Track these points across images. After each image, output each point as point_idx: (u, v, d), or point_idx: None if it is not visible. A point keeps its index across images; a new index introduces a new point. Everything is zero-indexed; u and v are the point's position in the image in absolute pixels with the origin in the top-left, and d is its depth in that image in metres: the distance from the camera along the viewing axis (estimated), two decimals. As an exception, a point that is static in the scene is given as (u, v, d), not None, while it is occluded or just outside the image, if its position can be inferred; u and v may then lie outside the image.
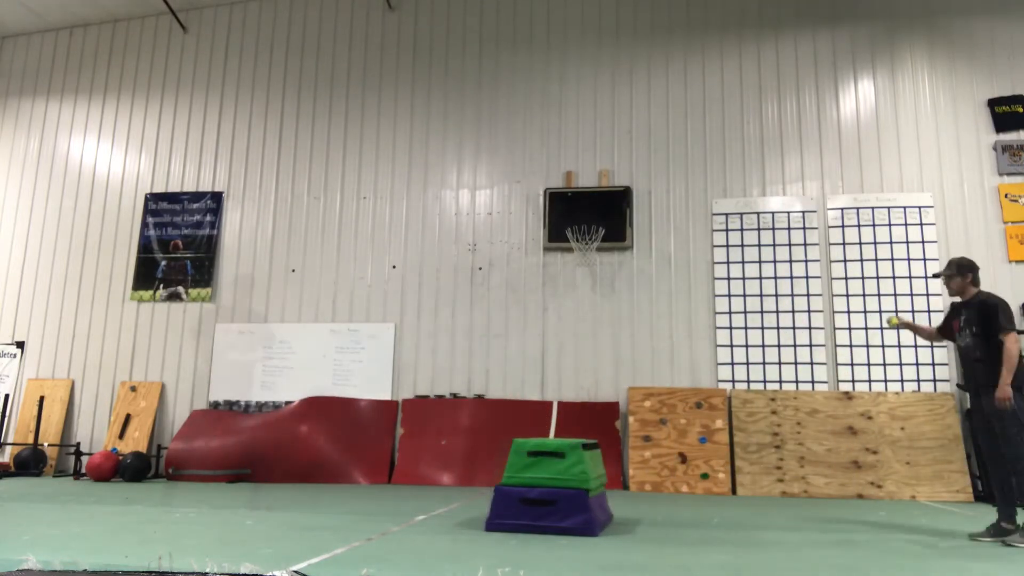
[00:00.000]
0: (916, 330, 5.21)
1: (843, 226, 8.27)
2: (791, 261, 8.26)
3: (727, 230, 8.45)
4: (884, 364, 7.87)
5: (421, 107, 9.41)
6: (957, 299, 4.93)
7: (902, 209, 8.20)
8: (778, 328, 8.12)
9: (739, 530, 4.75)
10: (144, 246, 9.53)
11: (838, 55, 8.73)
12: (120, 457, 8.03)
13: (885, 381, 7.83)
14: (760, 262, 8.30)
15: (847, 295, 8.07)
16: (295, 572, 3.11)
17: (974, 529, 4.90)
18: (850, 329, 7.99)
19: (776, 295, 8.21)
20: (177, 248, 9.46)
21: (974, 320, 4.66)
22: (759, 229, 8.39)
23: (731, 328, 8.19)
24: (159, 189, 9.73)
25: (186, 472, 8.09)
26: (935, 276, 5.13)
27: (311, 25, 9.88)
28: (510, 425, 8.21)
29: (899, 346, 7.89)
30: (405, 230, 9.11)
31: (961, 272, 4.81)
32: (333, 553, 3.60)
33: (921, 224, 8.14)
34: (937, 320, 7.86)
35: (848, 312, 8.03)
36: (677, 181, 8.69)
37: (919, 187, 8.26)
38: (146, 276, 9.44)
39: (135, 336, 9.31)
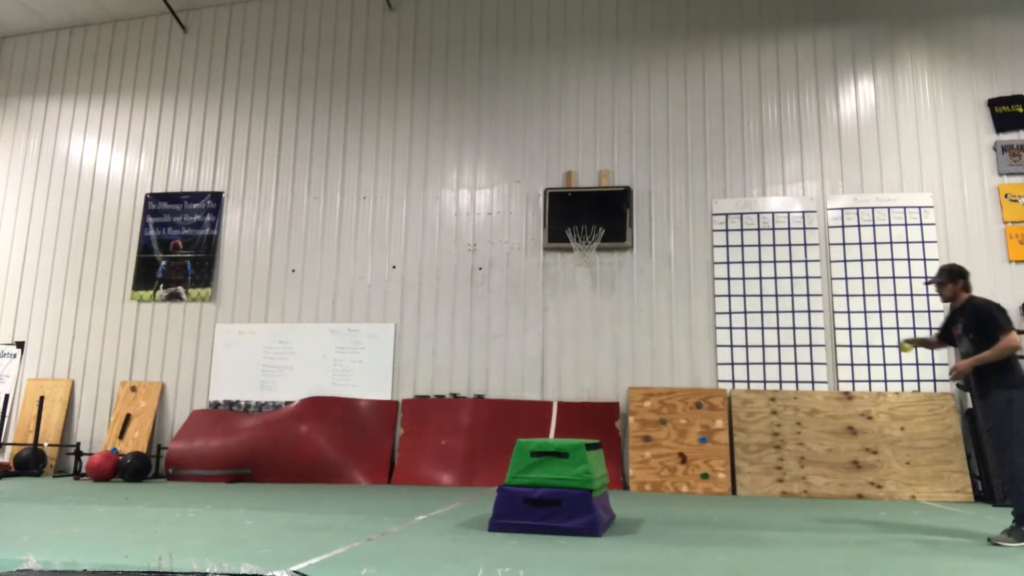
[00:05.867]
0: (926, 344, 5.20)
1: (843, 226, 8.27)
2: (791, 261, 8.26)
3: (727, 230, 8.45)
4: (884, 364, 7.87)
5: (421, 107, 9.41)
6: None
7: (902, 209, 8.20)
8: (778, 328, 8.13)
9: (739, 530, 4.75)
10: (144, 246, 9.53)
11: (838, 55, 8.73)
12: (120, 457, 8.03)
13: (885, 381, 7.83)
14: (760, 262, 8.30)
15: (847, 295, 8.07)
16: (295, 572, 3.11)
17: (974, 529, 4.89)
18: (850, 329, 7.99)
19: (776, 295, 8.21)
20: (177, 248, 9.46)
21: (970, 327, 4.67)
22: (759, 229, 8.39)
23: (731, 328, 8.19)
24: (159, 189, 9.73)
25: (186, 472, 8.09)
26: (927, 283, 5.14)
27: (311, 25, 9.88)
28: (510, 425, 8.22)
29: (899, 346, 7.89)
30: (405, 230, 9.11)
31: (952, 278, 4.83)
32: (333, 553, 3.60)
33: (921, 224, 8.14)
34: (937, 321, 7.86)
35: (848, 312, 8.03)
36: (677, 181, 8.69)
37: (919, 187, 8.26)
38: (146, 276, 9.44)
39: (135, 336, 9.31)
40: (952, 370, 4.62)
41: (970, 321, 4.68)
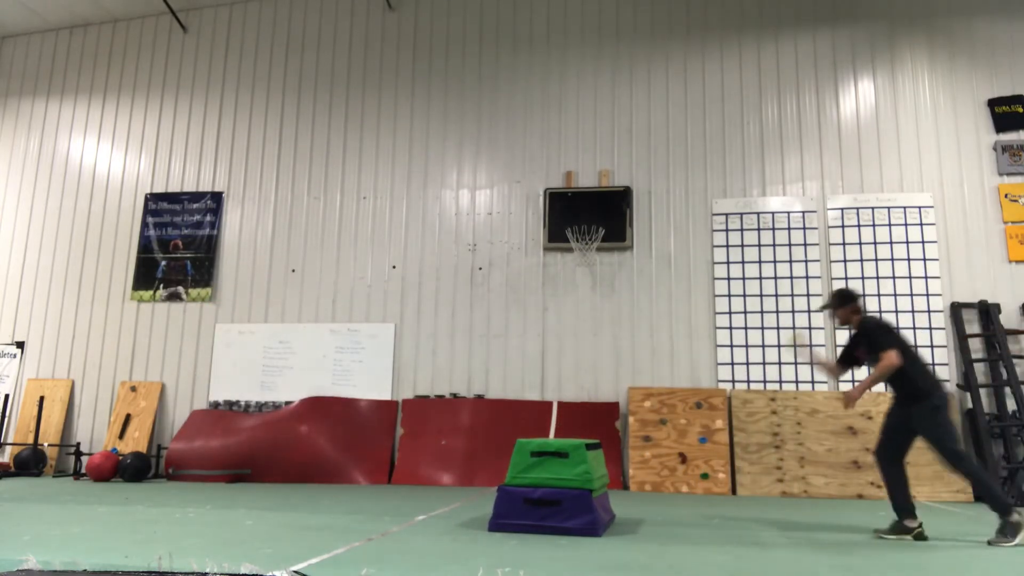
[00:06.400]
0: (816, 360, 5.17)
1: (843, 226, 8.27)
2: (791, 261, 8.26)
3: (727, 230, 8.45)
4: (884, 364, 7.86)
5: (421, 107, 9.41)
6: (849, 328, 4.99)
7: (902, 209, 8.20)
8: (778, 328, 8.12)
9: (739, 530, 4.75)
10: (144, 246, 9.53)
11: (838, 55, 8.73)
12: (120, 457, 8.03)
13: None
14: (760, 262, 8.30)
15: (847, 295, 8.06)
16: (295, 572, 3.11)
17: (973, 529, 4.89)
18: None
19: (776, 295, 8.21)
20: (177, 248, 9.46)
21: (871, 348, 4.74)
22: (759, 229, 8.39)
23: (731, 328, 8.19)
24: (159, 189, 9.73)
25: (186, 472, 8.09)
26: (819, 310, 5.20)
27: (311, 25, 9.88)
28: (510, 425, 8.21)
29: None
30: (405, 230, 9.11)
31: (842, 302, 4.91)
32: (333, 553, 3.60)
33: (921, 224, 8.13)
34: (937, 322, 7.86)
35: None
36: (677, 181, 8.69)
37: (919, 187, 8.26)
38: (146, 276, 9.44)
39: (135, 336, 9.31)
40: (844, 396, 4.67)
41: (867, 342, 4.76)
